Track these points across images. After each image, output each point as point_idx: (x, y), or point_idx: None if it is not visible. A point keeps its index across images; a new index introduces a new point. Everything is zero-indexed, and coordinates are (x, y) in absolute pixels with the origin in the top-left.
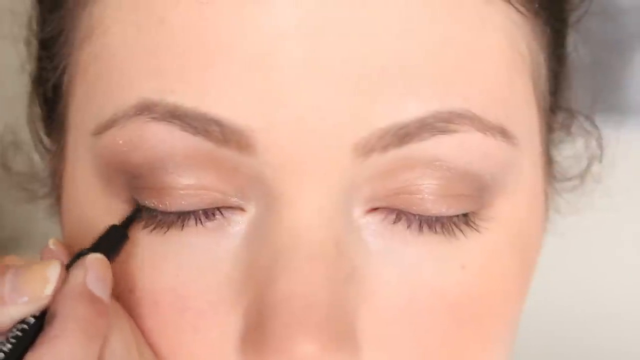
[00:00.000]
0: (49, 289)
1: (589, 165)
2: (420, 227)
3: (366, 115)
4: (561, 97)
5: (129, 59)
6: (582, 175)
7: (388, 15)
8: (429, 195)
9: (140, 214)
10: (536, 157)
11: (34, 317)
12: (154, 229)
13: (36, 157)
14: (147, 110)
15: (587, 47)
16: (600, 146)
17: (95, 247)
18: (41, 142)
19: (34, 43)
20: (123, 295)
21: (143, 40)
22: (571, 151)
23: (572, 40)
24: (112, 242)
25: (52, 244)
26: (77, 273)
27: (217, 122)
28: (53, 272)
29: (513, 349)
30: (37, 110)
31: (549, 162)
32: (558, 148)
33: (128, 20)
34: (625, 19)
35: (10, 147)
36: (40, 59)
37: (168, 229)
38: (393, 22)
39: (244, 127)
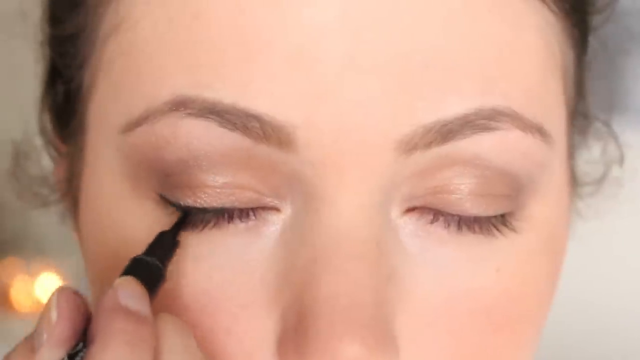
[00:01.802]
0: (54, 314)
1: (606, 170)
2: (459, 227)
3: (409, 112)
4: (581, 102)
5: (161, 53)
6: (600, 180)
7: (430, 10)
8: (468, 195)
9: (189, 219)
10: (564, 158)
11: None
12: (186, 228)
13: (45, 163)
14: (182, 106)
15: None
16: (620, 151)
17: (148, 253)
18: (53, 146)
19: (47, 44)
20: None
21: (176, 35)
22: (588, 156)
23: None
24: (164, 248)
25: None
26: (107, 295)
27: (257, 118)
28: (53, 298)
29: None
30: (49, 114)
31: (572, 165)
32: (576, 153)
33: (158, 14)
34: (626, 20)
35: (21, 153)
36: (55, 59)
37: (201, 229)
38: (435, 18)
39: (285, 123)
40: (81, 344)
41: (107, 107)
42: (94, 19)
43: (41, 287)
